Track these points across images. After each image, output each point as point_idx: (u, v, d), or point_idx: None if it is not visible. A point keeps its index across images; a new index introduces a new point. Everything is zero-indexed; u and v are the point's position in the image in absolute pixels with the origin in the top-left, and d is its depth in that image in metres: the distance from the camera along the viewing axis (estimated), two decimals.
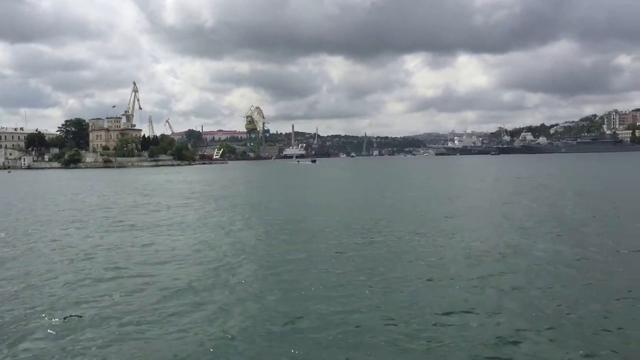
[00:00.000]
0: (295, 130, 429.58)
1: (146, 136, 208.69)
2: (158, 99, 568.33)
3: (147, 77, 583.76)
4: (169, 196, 43.44)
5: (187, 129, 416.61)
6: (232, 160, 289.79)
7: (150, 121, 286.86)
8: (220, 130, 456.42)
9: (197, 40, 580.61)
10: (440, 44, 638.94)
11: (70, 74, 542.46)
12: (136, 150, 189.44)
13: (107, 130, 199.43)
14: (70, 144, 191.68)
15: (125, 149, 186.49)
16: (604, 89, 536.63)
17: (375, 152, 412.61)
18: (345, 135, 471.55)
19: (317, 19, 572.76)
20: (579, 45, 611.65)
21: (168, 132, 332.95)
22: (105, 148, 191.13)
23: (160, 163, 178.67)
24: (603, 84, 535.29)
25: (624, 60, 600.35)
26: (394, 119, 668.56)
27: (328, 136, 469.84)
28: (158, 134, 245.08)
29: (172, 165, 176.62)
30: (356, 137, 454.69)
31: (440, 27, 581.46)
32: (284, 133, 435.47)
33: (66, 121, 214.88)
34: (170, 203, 36.65)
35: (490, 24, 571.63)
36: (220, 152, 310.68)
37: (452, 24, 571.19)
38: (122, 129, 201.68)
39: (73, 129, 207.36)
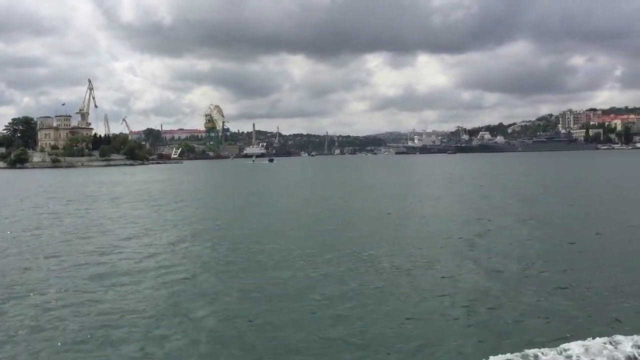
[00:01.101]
0: (257, 129, 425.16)
1: (98, 135, 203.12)
2: (117, 97, 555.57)
3: (105, 75, 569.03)
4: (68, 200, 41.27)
5: (146, 128, 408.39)
6: (191, 159, 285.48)
7: (106, 119, 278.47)
8: (180, 129, 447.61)
9: (156, 38, 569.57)
10: (401, 44, 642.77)
11: (25, 71, 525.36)
12: (87, 150, 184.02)
13: (56, 129, 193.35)
14: (18, 144, 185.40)
15: (75, 148, 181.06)
16: (560, 89, 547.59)
17: (337, 151, 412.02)
18: (308, 134, 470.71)
19: (277, 17, 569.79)
20: (535, 46, 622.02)
21: (125, 131, 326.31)
22: (54, 147, 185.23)
23: (111, 163, 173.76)
24: (558, 84, 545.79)
25: (578, 60, 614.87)
26: (356, 117, 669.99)
27: (290, 135, 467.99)
28: (116, 132, 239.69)
29: (125, 165, 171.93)
30: (318, 136, 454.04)
31: (400, 27, 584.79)
32: (245, 132, 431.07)
33: (13, 119, 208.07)
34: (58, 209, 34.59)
35: (449, 24, 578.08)
36: (179, 151, 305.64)
37: (412, 23, 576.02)
38: (72, 128, 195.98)
39: (21, 127, 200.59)
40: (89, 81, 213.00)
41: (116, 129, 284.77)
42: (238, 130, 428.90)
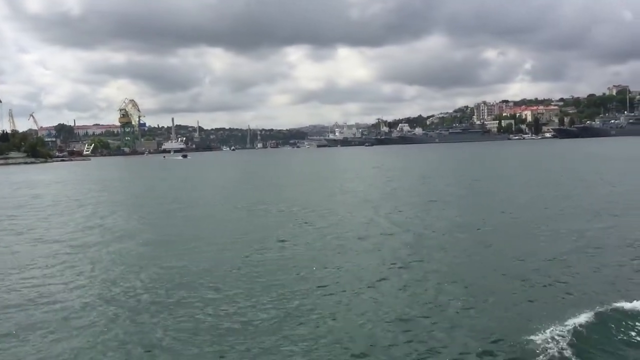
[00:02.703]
0: (179, 123, 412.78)
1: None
2: (26, 92, 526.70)
3: (13, 68, 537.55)
4: None
5: (57, 123, 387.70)
6: (105, 155, 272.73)
7: (11, 115, 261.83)
8: (96, 125, 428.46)
9: (65, 30, 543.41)
10: (320, 37, 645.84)
11: None
12: None
13: None
14: None
15: None
16: (474, 81, 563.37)
17: (259, 145, 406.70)
18: (230, 128, 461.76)
19: (194, 9, 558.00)
20: (449, 40, 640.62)
21: (34, 127, 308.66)
22: None
23: (10, 161, 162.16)
24: (473, 77, 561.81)
25: (490, 54, 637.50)
26: (279, 111, 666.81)
27: (212, 129, 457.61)
28: (24, 129, 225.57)
29: (25, 163, 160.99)
30: (241, 130, 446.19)
31: (319, 20, 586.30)
32: (165, 127, 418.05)
33: None
34: None
35: (366, 18, 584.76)
36: (92, 147, 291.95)
37: (330, 17, 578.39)
38: None
39: None
40: None
41: (24, 125, 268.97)
42: (158, 125, 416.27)
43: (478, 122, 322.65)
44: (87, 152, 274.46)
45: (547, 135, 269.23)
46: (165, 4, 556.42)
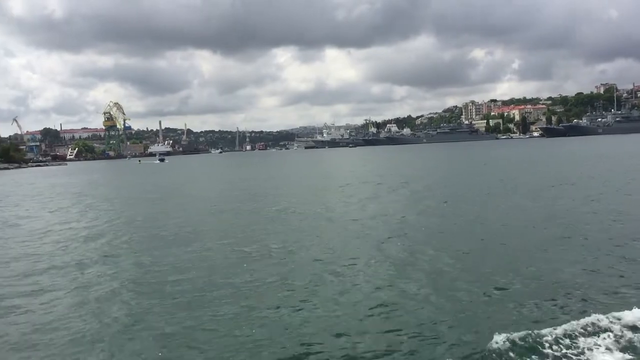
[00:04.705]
0: (168, 126, 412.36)
1: None
2: (13, 96, 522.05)
3: (0, 72, 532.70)
4: None
5: (43, 128, 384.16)
6: (89, 160, 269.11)
7: None
8: (84, 128, 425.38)
9: (51, 33, 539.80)
10: (308, 38, 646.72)
11: None
12: None
13: None
14: None
15: None
16: (463, 81, 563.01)
17: (248, 147, 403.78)
18: (220, 131, 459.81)
19: (179, 11, 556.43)
20: (437, 40, 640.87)
21: (18, 132, 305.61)
22: None
23: None
24: (462, 76, 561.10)
25: (478, 54, 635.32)
26: (269, 113, 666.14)
27: (202, 132, 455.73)
28: (6, 134, 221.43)
29: None
30: (230, 132, 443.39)
31: (306, 21, 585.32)
32: (154, 130, 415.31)
33: None
34: None
35: (353, 19, 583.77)
36: (75, 151, 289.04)
37: (317, 18, 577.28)
38: None
39: None
40: None
41: (5, 130, 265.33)
42: (147, 128, 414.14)
43: (466, 122, 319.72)
44: (71, 156, 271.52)
45: (535, 134, 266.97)
46: (149, 7, 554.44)
